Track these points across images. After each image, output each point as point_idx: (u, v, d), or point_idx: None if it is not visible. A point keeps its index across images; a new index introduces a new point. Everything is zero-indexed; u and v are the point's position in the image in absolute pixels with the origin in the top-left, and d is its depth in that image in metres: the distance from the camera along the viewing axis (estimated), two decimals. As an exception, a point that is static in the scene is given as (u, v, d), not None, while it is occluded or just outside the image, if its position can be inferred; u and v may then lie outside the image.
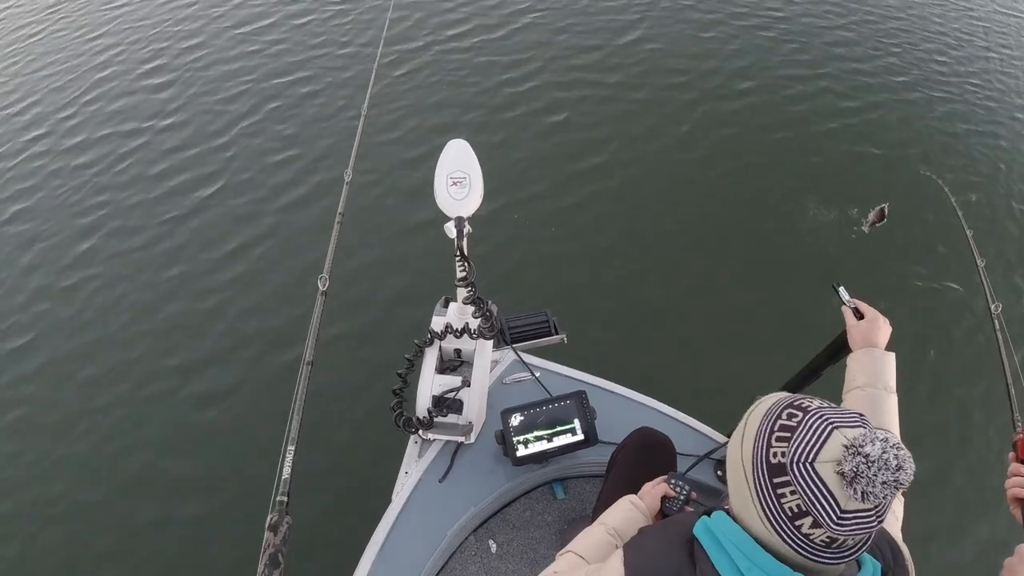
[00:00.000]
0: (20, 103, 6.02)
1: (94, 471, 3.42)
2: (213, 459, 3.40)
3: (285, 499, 1.44)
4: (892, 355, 1.48)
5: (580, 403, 2.14)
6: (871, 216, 1.60)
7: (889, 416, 1.41)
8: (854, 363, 1.51)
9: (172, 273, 4.29)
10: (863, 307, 1.58)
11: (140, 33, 6.71)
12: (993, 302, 1.88)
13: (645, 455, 1.83)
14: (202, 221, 4.63)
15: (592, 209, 4.60)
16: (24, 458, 3.49)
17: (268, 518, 1.40)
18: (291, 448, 1.53)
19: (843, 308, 1.62)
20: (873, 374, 1.45)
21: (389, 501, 2.09)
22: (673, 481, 1.53)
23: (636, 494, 1.52)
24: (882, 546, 1.07)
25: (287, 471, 1.48)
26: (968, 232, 2.14)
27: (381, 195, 4.69)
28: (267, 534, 1.38)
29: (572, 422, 2.13)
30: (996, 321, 1.84)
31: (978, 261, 2.02)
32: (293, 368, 1.67)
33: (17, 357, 3.94)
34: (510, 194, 4.63)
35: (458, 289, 2.12)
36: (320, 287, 1.81)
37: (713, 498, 1.93)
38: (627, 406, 2.32)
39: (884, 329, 1.52)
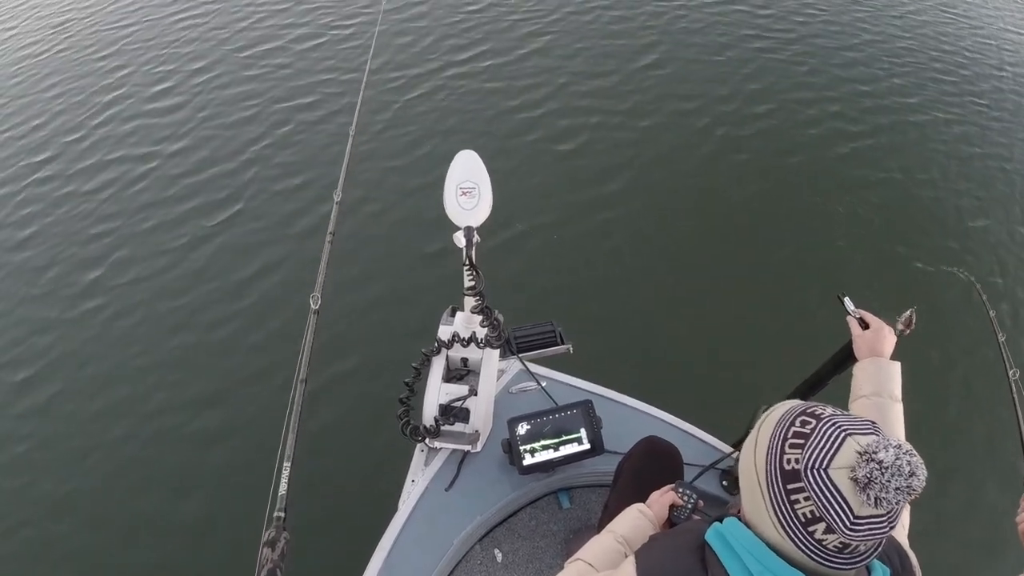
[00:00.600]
0: (26, 124, 5.96)
1: (100, 508, 3.37)
2: (214, 476, 3.38)
3: (282, 515, 1.46)
4: (897, 364, 1.50)
5: (586, 412, 2.15)
6: (899, 324, 1.59)
7: (895, 424, 1.42)
8: (860, 372, 1.52)
9: (179, 303, 4.22)
10: (868, 317, 1.60)
11: (150, 53, 6.68)
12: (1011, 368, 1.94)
13: (652, 464, 1.84)
14: (213, 249, 4.56)
15: (599, 221, 4.62)
16: (29, 494, 3.42)
17: (266, 534, 1.42)
18: (287, 464, 1.55)
19: (848, 318, 1.63)
20: (879, 383, 1.47)
21: (395, 509, 2.10)
22: (681, 490, 1.53)
23: (643, 503, 1.53)
24: (890, 552, 1.08)
25: (283, 487, 1.50)
26: (978, 288, 2.25)
27: (395, 221, 4.64)
28: (264, 550, 1.39)
29: (578, 431, 2.14)
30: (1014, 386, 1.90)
31: (997, 333, 2.10)
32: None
33: (22, 390, 3.86)
34: (517, 208, 4.64)
35: (466, 298, 2.13)
36: (312, 306, 1.83)
37: (719, 507, 1.94)
38: (633, 416, 2.33)
39: (889, 339, 1.54)
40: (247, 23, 6.97)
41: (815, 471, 0.91)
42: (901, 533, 1.30)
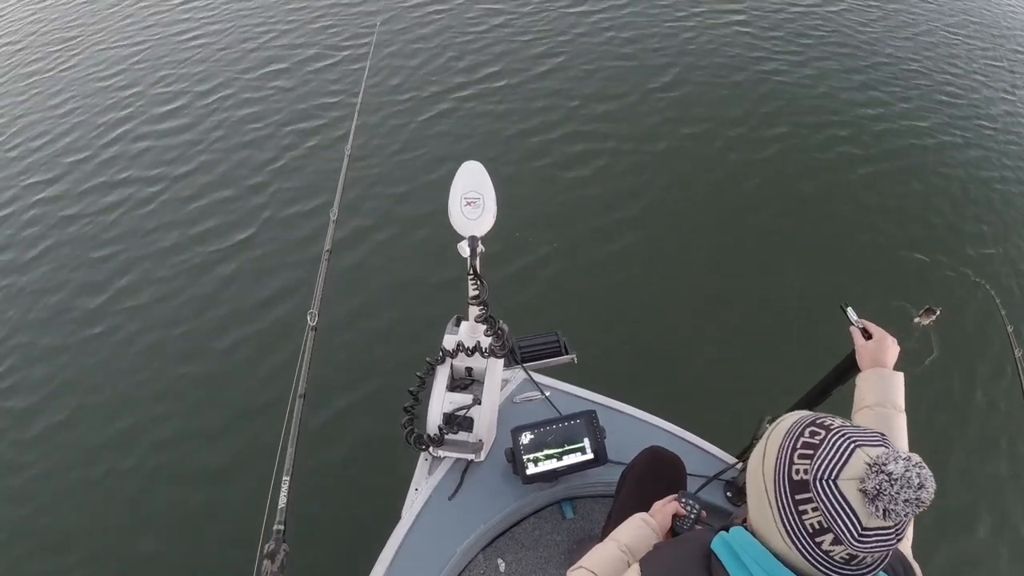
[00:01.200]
0: (32, 143, 5.88)
1: (101, 510, 3.36)
2: (215, 491, 3.37)
3: (282, 527, 1.49)
4: (900, 375, 1.50)
5: (590, 422, 2.16)
6: (923, 317, 1.60)
7: (898, 435, 1.42)
8: (863, 383, 1.52)
9: (186, 328, 4.17)
10: (871, 327, 1.60)
11: (160, 72, 6.61)
12: None
13: (656, 474, 1.84)
14: (220, 273, 4.48)
15: (604, 233, 4.64)
16: (23, 526, 3.36)
17: (265, 546, 1.44)
18: (286, 478, 1.57)
19: (851, 329, 1.64)
20: (882, 393, 1.47)
21: (399, 518, 2.10)
22: (684, 500, 1.53)
23: (647, 512, 1.53)
24: (895, 564, 1.08)
25: (283, 500, 1.53)
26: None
27: (410, 247, 4.57)
28: (264, 562, 1.43)
29: (582, 441, 2.14)
30: None
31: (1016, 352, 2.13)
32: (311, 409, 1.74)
33: (23, 418, 3.78)
34: (523, 223, 4.64)
35: (470, 307, 2.14)
36: (309, 322, 1.89)
37: (723, 519, 1.94)
38: (637, 426, 2.33)
39: (892, 349, 1.54)
40: (257, 43, 6.94)
41: (824, 482, 0.91)
42: (905, 544, 1.30)
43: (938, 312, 1.64)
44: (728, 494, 2.14)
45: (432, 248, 4.44)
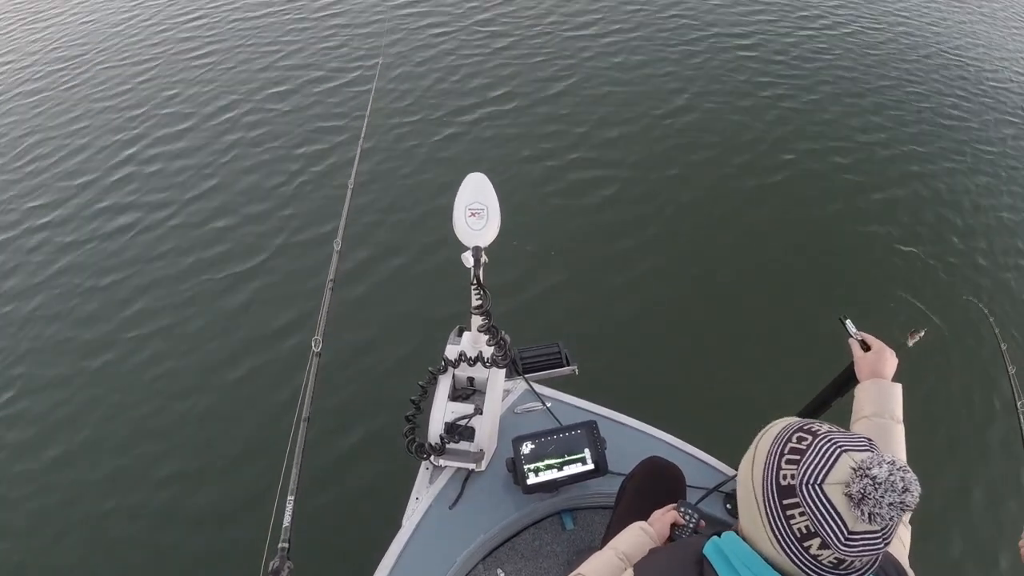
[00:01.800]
0: (37, 164, 5.75)
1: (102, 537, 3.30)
2: (219, 513, 3.34)
3: (286, 545, 1.53)
4: (899, 386, 1.51)
5: (591, 433, 2.17)
6: (909, 339, 1.63)
7: (896, 445, 1.43)
8: (862, 394, 1.54)
9: (181, 363, 4.07)
10: (870, 339, 1.62)
11: (167, 92, 6.54)
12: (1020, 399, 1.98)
13: (655, 484, 1.84)
14: (235, 300, 4.42)
15: (609, 247, 4.66)
16: (17, 567, 3.24)
17: (270, 563, 1.49)
18: (291, 498, 1.63)
19: (850, 341, 1.65)
20: (880, 404, 1.48)
21: (399, 526, 2.11)
22: (683, 509, 1.54)
23: (646, 521, 1.54)
24: (887, 568, 1.09)
25: (287, 519, 1.58)
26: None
27: (417, 274, 4.52)
28: None
29: (582, 451, 2.15)
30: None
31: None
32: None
33: (20, 452, 3.68)
34: (526, 234, 4.67)
35: (473, 317, 2.16)
36: (314, 348, 1.97)
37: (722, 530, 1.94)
38: (637, 438, 2.34)
39: (891, 361, 1.55)
40: (264, 63, 6.91)
41: (810, 486, 0.92)
42: (902, 552, 1.31)
43: (923, 332, 1.66)
44: (728, 506, 2.14)
45: (438, 276, 4.41)
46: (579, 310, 4.23)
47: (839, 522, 0.90)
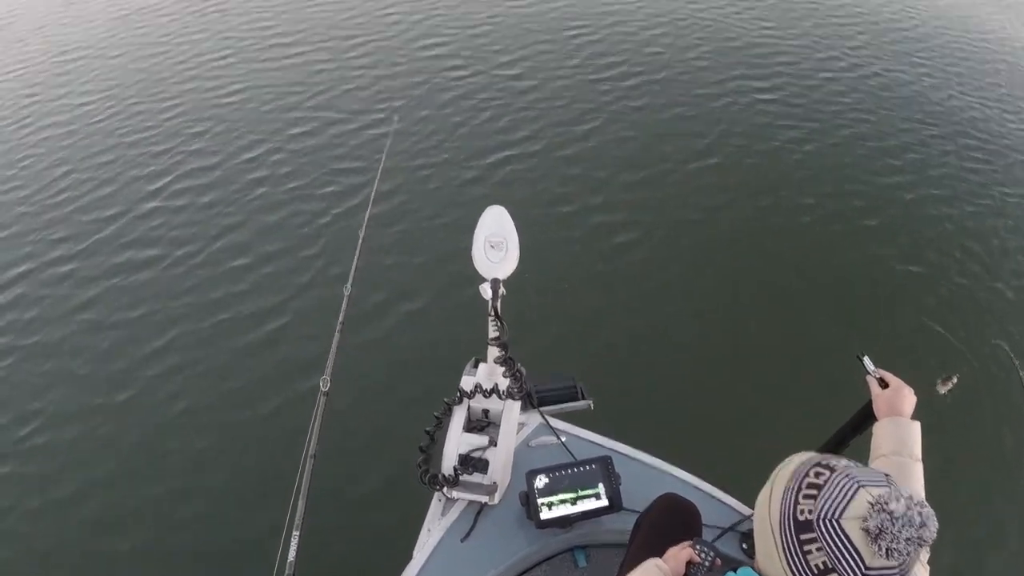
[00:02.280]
0: (60, 197, 5.77)
1: None
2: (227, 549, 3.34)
3: None
4: (917, 424, 1.49)
5: (605, 468, 2.15)
6: (940, 386, 1.61)
7: (915, 483, 1.41)
8: (880, 431, 1.52)
9: (191, 404, 4.09)
10: (888, 376, 1.60)
11: (195, 128, 6.61)
12: None
13: (671, 520, 1.82)
14: (257, 344, 4.40)
15: (627, 284, 4.68)
16: None
17: None
18: (296, 533, 1.67)
19: (868, 378, 1.64)
20: (899, 442, 1.46)
21: (410, 558, 2.09)
22: (699, 547, 1.52)
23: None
24: None
25: (292, 554, 1.63)
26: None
27: (442, 320, 4.49)
28: None
29: (597, 487, 2.12)
30: None
31: None
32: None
33: (40, 487, 3.68)
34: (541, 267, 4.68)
35: (489, 348, 2.18)
36: (322, 388, 2.07)
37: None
38: (653, 474, 2.31)
39: (909, 398, 1.54)
40: (292, 101, 7.01)
41: (827, 521, 0.92)
42: None
43: (956, 378, 1.64)
44: (744, 546, 2.09)
45: (452, 320, 4.39)
46: (598, 349, 4.22)
47: (856, 557, 0.89)
